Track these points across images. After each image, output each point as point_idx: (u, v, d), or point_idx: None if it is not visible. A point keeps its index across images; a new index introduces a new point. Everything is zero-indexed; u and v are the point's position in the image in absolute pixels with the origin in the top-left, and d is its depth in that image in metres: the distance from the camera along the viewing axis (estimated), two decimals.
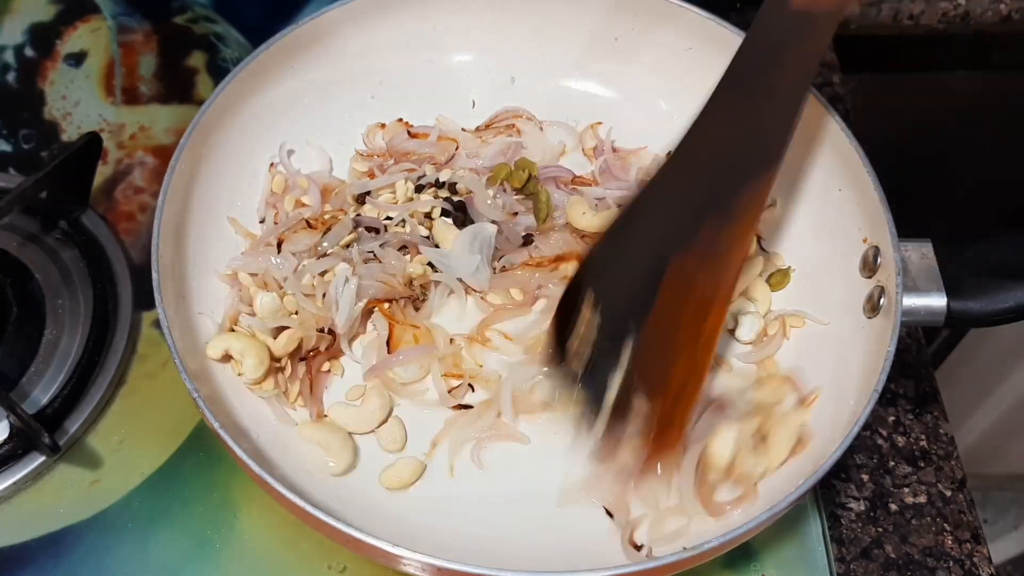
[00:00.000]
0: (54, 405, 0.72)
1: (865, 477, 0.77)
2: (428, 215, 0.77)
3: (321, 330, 0.72)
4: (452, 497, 0.69)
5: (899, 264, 0.67)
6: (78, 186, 0.81)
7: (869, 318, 0.70)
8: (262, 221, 0.78)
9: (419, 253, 0.75)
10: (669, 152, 0.66)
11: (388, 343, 0.74)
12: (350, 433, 0.70)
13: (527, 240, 0.78)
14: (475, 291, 0.76)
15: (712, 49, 0.79)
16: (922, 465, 0.78)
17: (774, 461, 0.68)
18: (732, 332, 0.75)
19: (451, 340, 0.74)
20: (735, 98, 0.64)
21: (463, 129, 0.84)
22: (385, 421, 0.71)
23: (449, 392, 0.72)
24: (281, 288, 0.73)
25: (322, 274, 0.73)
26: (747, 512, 0.66)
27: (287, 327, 0.70)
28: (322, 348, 0.72)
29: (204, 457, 0.73)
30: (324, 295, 0.72)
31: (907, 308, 0.66)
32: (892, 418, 0.80)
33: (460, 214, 0.78)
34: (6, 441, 0.70)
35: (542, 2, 0.84)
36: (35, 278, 0.78)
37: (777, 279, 0.78)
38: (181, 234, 0.72)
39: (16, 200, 0.74)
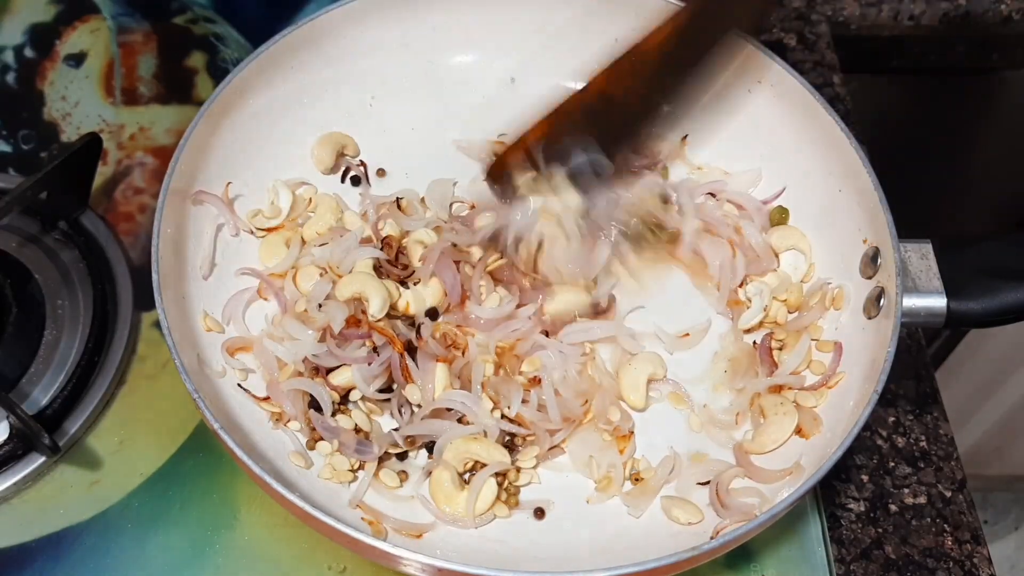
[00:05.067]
0: (54, 406, 0.72)
1: (865, 478, 0.77)
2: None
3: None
4: None
5: (899, 265, 0.67)
6: (78, 187, 0.81)
7: (869, 319, 0.70)
8: (206, 278, 0.74)
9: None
10: None
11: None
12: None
13: None
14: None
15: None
16: (922, 466, 0.78)
17: (768, 441, 0.68)
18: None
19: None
20: None
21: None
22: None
23: None
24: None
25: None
26: (793, 483, 0.66)
27: None
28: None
29: (204, 457, 0.73)
30: None
31: (907, 309, 0.66)
32: (892, 419, 0.80)
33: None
34: (6, 442, 0.70)
35: (542, 3, 0.84)
36: (35, 278, 0.78)
37: (776, 216, 0.79)
38: (181, 235, 0.72)
39: (16, 200, 0.74)
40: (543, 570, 0.65)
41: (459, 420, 0.69)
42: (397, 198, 0.79)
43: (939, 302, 0.66)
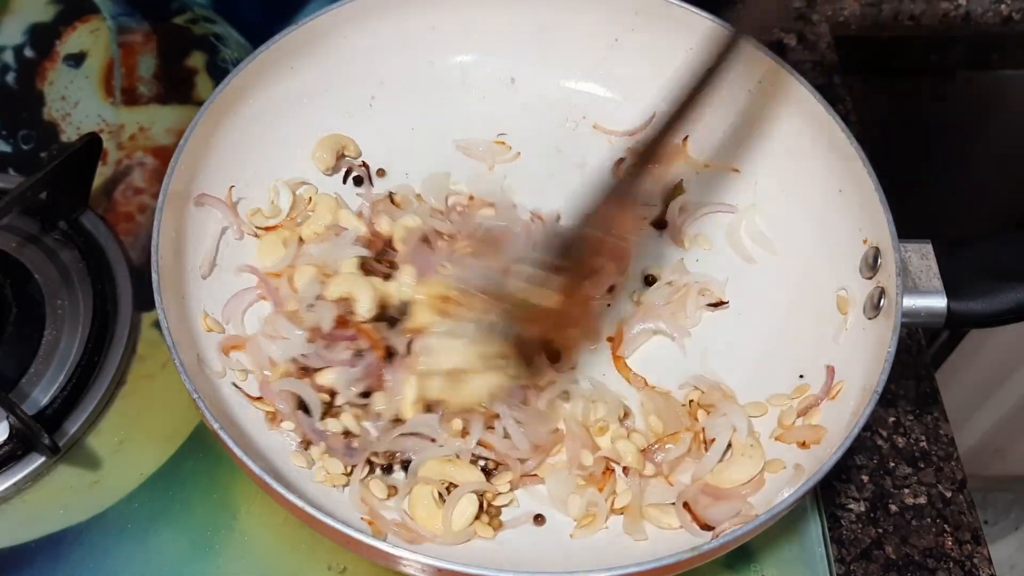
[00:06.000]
0: (54, 406, 0.72)
1: (865, 478, 0.77)
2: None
3: None
4: None
5: (899, 265, 0.67)
6: (78, 187, 0.81)
7: (869, 319, 0.70)
8: (206, 277, 0.74)
9: None
10: None
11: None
12: None
13: None
14: None
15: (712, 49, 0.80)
16: (922, 466, 0.78)
17: (726, 480, 0.67)
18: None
19: None
20: None
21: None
22: None
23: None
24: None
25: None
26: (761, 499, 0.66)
27: None
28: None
29: (204, 457, 0.73)
30: None
31: (907, 309, 0.66)
32: (892, 419, 0.80)
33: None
34: (6, 442, 0.70)
35: (542, 2, 0.84)
36: (35, 278, 0.78)
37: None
38: (181, 235, 0.72)
39: (16, 200, 0.74)
40: (543, 570, 0.65)
41: (433, 439, 0.68)
42: (390, 192, 0.79)
43: (939, 302, 0.66)
